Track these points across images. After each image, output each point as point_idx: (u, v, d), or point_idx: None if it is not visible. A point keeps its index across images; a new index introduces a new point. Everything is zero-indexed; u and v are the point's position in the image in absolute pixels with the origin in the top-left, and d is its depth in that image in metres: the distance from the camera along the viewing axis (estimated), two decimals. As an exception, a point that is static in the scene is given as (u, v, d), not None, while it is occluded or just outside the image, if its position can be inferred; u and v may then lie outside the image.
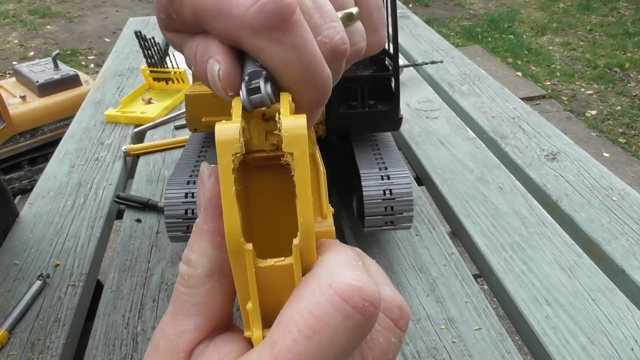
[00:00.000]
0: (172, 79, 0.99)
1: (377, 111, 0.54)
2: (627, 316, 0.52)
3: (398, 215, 0.53)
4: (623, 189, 0.70)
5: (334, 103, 0.54)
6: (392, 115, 0.55)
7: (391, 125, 0.57)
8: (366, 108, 0.54)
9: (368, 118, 0.55)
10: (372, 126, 0.59)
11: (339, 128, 0.57)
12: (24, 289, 0.55)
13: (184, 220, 0.52)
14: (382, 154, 0.58)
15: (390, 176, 0.54)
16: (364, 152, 0.59)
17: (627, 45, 3.53)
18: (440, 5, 4.42)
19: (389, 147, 0.60)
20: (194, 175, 0.54)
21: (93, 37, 3.77)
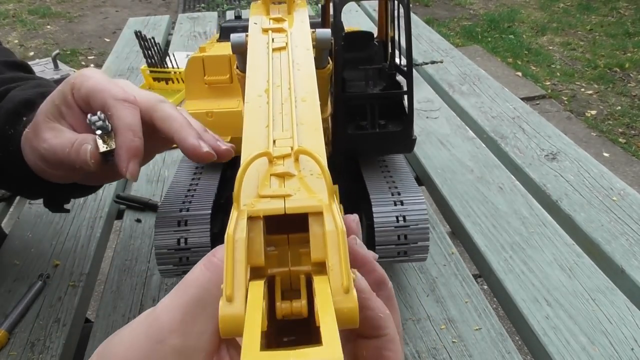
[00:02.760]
0: (172, 79, 0.98)
1: (389, 132, 0.49)
2: (627, 316, 0.52)
3: (412, 244, 0.48)
4: (623, 189, 0.70)
5: (341, 123, 0.49)
6: (404, 137, 0.49)
7: (404, 147, 0.52)
8: (376, 129, 0.49)
9: (378, 140, 0.50)
10: (383, 148, 0.54)
11: (347, 151, 0.52)
12: (24, 289, 0.55)
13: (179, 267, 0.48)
14: (392, 175, 0.53)
15: (404, 201, 0.49)
16: (373, 175, 0.54)
17: (627, 45, 3.53)
18: (440, 5, 4.42)
19: (400, 169, 0.55)
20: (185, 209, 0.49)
21: (93, 37, 3.77)
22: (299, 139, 0.25)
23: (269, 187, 0.22)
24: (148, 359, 0.22)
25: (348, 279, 0.20)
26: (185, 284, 0.23)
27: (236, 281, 0.19)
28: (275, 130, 0.25)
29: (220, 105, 0.56)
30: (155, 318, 0.23)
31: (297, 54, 0.32)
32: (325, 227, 0.20)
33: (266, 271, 0.21)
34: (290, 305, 0.21)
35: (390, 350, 0.23)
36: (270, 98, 0.28)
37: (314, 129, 0.25)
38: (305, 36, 0.34)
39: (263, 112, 0.27)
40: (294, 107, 0.27)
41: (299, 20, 0.36)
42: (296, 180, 0.23)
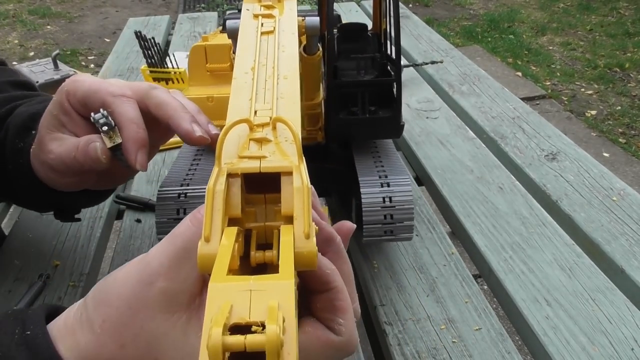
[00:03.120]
0: (172, 79, 0.98)
1: (378, 118, 0.52)
2: (627, 316, 0.52)
3: (398, 224, 0.52)
4: (623, 189, 0.70)
5: (334, 109, 0.52)
6: (393, 122, 0.53)
7: (392, 132, 0.55)
8: (367, 114, 0.52)
9: (369, 125, 0.53)
10: (373, 133, 0.57)
11: (339, 135, 0.55)
12: (24, 289, 0.55)
13: (175, 220, 0.51)
14: (382, 160, 0.57)
15: (391, 183, 0.52)
16: (364, 159, 0.57)
17: (627, 45, 3.52)
18: (440, 5, 4.42)
19: (389, 153, 0.58)
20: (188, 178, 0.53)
21: (93, 37, 3.77)
22: (278, 111, 0.28)
23: (248, 149, 0.25)
24: (138, 296, 0.26)
25: (309, 227, 0.23)
26: (173, 236, 0.27)
27: (214, 226, 0.22)
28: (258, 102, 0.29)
29: (220, 91, 0.60)
30: (146, 263, 0.27)
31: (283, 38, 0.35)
32: (293, 184, 0.24)
33: (244, 224, 0.25)
34: (263, 255, 0.24)
35: (340, 300, 0.26)
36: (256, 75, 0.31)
37: (292, 102, 0.29)
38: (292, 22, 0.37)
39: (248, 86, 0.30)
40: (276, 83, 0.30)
41: (287, 8, 0.39)
42: (272, 145, 0.26)
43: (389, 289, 0.55)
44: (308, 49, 0.44)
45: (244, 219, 0.25)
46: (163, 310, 0.26)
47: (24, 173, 0.47)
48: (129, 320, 0.26)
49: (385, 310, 0.53)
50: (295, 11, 0.39)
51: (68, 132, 0.43)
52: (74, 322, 0.29)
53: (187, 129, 0.40)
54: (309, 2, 1.64)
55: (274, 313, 0.18)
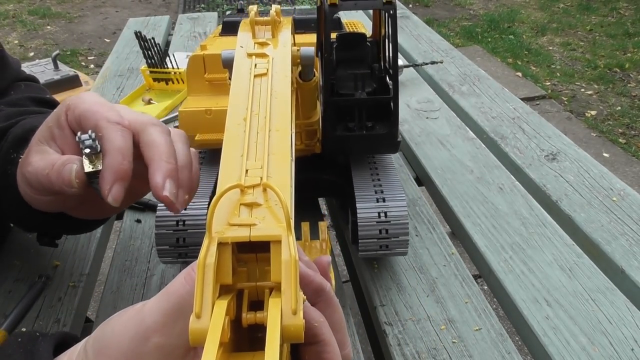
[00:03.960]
0: (172, 79, 0.99)
1: (375, 134, 0.52)
2: (627, 316, 0.52)
3: (393, 239, 0.52)
4: (623, 189, 0.70)
5: (331, 125, 0.52)
6: (390, 139, 0.52)
7: (389, 148, 0.55)
8: (364, 131, 0.52)
9: (365, 141, 0.53)
10: (370, 149, 0.57)
11: (336, 150, 0.55)
12: (24, 289, 0.55)
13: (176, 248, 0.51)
14: (379, 174, 0.57)
15: (386, 199, 0.53)
16: (361, 172, 0.57)
17: (627, 45, 3.53)
18: (440, 5, 4.42)
19: (387, 168, 0.58)
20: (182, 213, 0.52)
21: (93, 37, 3.77)
22: (269, 170, 0.28)
23: (238, 216, 0.26)
24: (135, 350, 0.27)
25: (296, 302, 0.23)
26: (168, 293, 0.27)
27: (204, 301, 0.23)
28: (249, 159, 0.29)
29: (218, 103, 0.59)
30: (142, 319, 0.27)
31: (276, 82, 0.35)
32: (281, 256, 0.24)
33: (235, 285, 0.25)
34: (254, 316, 0.25)
35: (327, 353, 0.27)
36: (248, 127, 0.31)
37: (282, 160, 0.29)
38: (285, 63, 0.37)
39: (240, 140, 0.31)
40: (267, 136, 0.31)
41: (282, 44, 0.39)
42: (263, 209, 0.26)
43: (389, 289, 0.55)
44: (304, 76, 0.44)
45: (236, 280, 0.25)
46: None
47: (9, 185, 0.44)
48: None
49: (385, 311, 0.53)
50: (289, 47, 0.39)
51: (55, 147, 0.40)
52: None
53: (157, 182, 0.36)
54: (309, 2, 1.64)
55: None
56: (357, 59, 0.58)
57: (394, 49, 0.50)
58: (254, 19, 0.41)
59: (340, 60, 0.55)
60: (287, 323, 0.23)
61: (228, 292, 0.25)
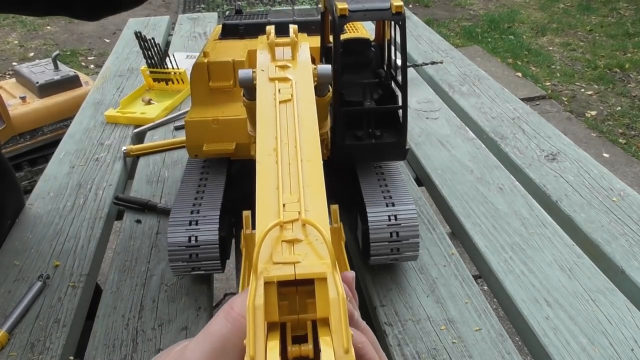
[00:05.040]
0: (172, 79, 0.98)
1: (384, 143, 0.53)
2: (627, 317, 0.52)
3: (404, 241, 0.53)
4: (623, 190, 0.70)
5: (340, 135, 0.52)
6: (398, 147, 0.53)
7: (397, 156, 0.56)
8: (372, 140, 0.52)
9: (374, 150, 0.53)
10: (378, 157, 0.57)
11: (345, 159, 0.55)
12: (24, 289, 0.55)
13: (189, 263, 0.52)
14: (386, 179, 0.57)
15: (396, 203, 0.54)
16: (368, 178, 0.58)
17: (627, 45, 3.53)
18: (440, 5, 4.42)
19: (393, 173, 0.59)
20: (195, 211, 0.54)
21: (93, 37, 3.77)
22: (305, 203, 0.29)
23: (281, 253, 0.26)
24: None
25: (348, 340, 0.24)
26: (209, 334, 0.28)
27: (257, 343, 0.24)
28: (284, 193, 0.29)
29: (225, 112, 0.58)
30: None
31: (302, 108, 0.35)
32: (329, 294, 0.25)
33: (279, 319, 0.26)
34: (299, 349, 0.26)
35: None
36: (279, 157, 0.32)
37: (317, 192, 0.30)
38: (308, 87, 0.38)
39: (273, 172, 0.31)
40: (299, 167, 0.31)
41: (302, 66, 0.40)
42: (304, 245, 0.27)
43: (389, 289, 0.55)
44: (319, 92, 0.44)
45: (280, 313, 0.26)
46: None
47: None
48: None
49: (385, 311, 0.53)
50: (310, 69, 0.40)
51: None
52: None
53: None
54: (309, 2, 1.64)
55: None
56: (362, 64, 0.58)
57: (403, 59, 0.50)
58: (273, 40, 0.41)
59: (346, 65, 0.55)
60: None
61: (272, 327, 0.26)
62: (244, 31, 0.70)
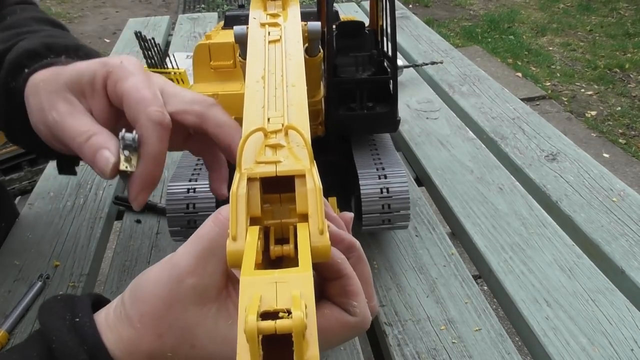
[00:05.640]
0: (172, 79, 0.98)
1: (375, 113, 0.54)
2: (627, 317, 0.52)
3: (395, 213, 0.54)
4: (623, 190, 0.70)
5: (333, 105, 0.54)
6: (390, 117, 0.55)
7: (389, 127, 0.58)
8: (365, 110, 0.54)
9: (366, 120, 0.55)
10: (371, 128, 0.59)
11: (339, 130, 0.57)
12: (24, 289, 0.55)
13: (185, 214, 0.53)
14: (379, 154, 0.59)
15: (387, 175, 0.55)
16: (362, 153, 0.59)
17: (627, 45, 3.53)
18: (440, 5, 4.42)
19: (386, 148, 0.60)
20: (196, 173, 0.56)
21: (93, 37, 3.77)
22: (289, 118, 0.31)
23: (264, 155, 0.28)
24: (171, 293, 0.29)
25: (323, 223, 0.26)
26: (198, 236, 0.30)
27: (239, 226, 0.26)
28: (270, 110, 0.31)
29: (225, 88, 0.62)
30: (174, 263, 0.30)
31: (289, 46, 0.37)
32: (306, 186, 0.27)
33: (263, 222, 0.28)
34: (281, 249, 0.27)
35: (351, 285, 0.30)
36: (266, 83, 0.34)
37: (300, 109, 0.32)
38: (296, 30, 0.40)
39: (260, 95, 0.33)
40: (285, 91, 0.33)
41: (291, 15, 0.42)
42: (285, 150, 0.29)
43: (389, 289, 0.55)
44: (310, 51, 0.46)
45: (263, 217, 0.28)
46: (194, 303, 0.29)
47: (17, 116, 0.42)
48: (165, 314, 0.29)
49: (385, 311, 0.53)
50: (299, 17, 0.42)
51: (85, 105, 0.38)
52: (114, 318, 0.31)
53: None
54: (309, 1, 1.64)
55: (298, 301, 0.21)
56: (357, 46, 0.60)
57: (392, 31, 0.52)
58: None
59: (341, 48, 0.57)
60: (315, 243, 0.26)
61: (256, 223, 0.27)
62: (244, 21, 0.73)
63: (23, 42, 0.45)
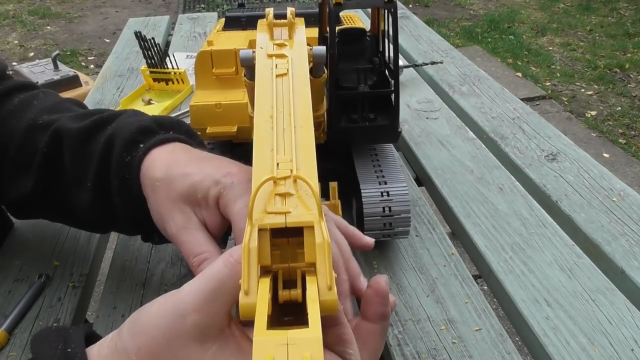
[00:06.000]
0: (172, 79, 0.99)
1: (377, 125, 0.55)
2: (627, 317, 0.52)
3: (396, 216, 0.55)
4: (623, 190, 0.70)
5: (335, 117, 0.54)
6: (391, 129, 0.55)
7: (390, 138, 0.58)
8: (366, 122, 0.55)
9: (368, 132, 0.56)
10: (372, 139, 0.60)
11: (340, 140, 0.58)
12: (24, 289, 0.55)
13: None
14: (379, 160, 0.60)
15: (387, 181, 0.56)
16: (363, 160, 0.60)
17: (627, 45, 3.53)
18: (440, 5, 4.42)
19: (386, 154, 0.61)
20: None
21: (93, 37, 3.77)
22: (297, 163, 0.32)
23: (274, 204, 0.29)
24: (172, 327, 0.29)
25: (331, 279, 0.27)
26: (207, 276, 0.30)
27: (251, 280, 0.27)
28: (279, 153, 0.32)
29: (227, 97, 0.62)
30: (179, 298, 0.30)
31: (296, 81, 0.39)
32: (315, 240, 0.28)
33: (272, 267, 0.29)
34: (289, 293, 0.28)
35: (346, 334, 0.30)
36: (274, 123, 0.35)
37: (308, 154, 0.33)
38: (303, 63, 0.41)
39: (269, 136, 0.34)
40: (293, 132, 0.34)
41: (298, 45, 0.43)
42: (295, 198, 0.30)
43: (389, 289, 0.55)
44: (314, 73, 0.46)
45: (272, 262, 0.29)
46: (195, 340, 0.29)
47: (126, 190, 0.45)
48: (164, 348, 0.29)
49: (385, 311, 0.53)
50: (305, 47, 0.42)
51: (199, 214, 0.41)
52: (108, 351, 0.31)
53: None
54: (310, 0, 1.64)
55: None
56: (358, 53, 0.60)
57: (395, 46, 0.52)
58: (271, 21, 0.43)
59: (341, 54, 0.58)
60: (323, 298, 0.27)
61: (265, 273, 0.28)
62: (245, 22, 0.74)
63: (130, 119, 0.48)
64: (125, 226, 0.50)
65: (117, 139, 0.46)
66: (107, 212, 0.48)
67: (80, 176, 0.48)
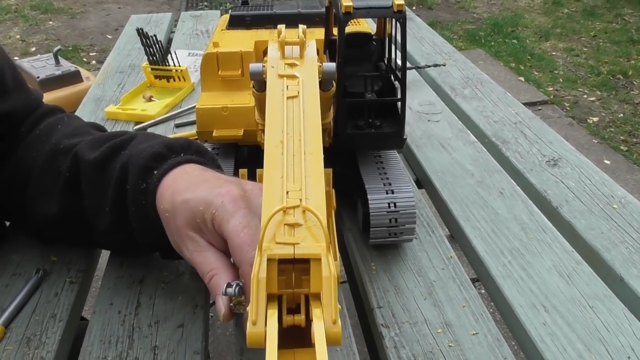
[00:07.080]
0: (173, 76, 0.98)
1: (383, 133, 0.55)
2: (625, 325, 0.52)
3: (402, 227, 0.56)
4: (624, 197, 0.70)
5: (342, 125, 0.55)
6: (396, 136, 0.56)
7: (395, 145, 0.59)
8: (372, 129, 0.55)
9: (374, 139, 0.56)
10: (377, 145, 0.60)
11: (346, 147, 0.58)
12: (21, 284, 0.55)
13: None
14: (385, 168, 0.60)
15: (395, 190, 0.56)
16: (368, 167, 0.60)
17: (631, 52, 3.52)
18: (444, 8, 4.42)
19: (392, 162, 0.61)
20: None
21: (95, 33, 3.77)
22: (306, 192, 0.32)
23: (283, 235, 0.30)
24: None
25: (336, 313, 0.28)
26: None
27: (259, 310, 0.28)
28: (288, 182, 0.33)
29: (233, 99, 0.63)
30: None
31: (307, 104, 0.39)
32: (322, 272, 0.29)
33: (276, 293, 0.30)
34: (293, 318, 0.29)
35: None
36: (285, 149, 0.35)
37: (317, 182, 0.33)
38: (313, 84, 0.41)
39: (279, 162, 0.35)
40: (302, 159, 0.35)
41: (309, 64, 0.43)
42: (303, 229, 0.31)
43: (387, 291, 0.55)
44: (323, 87, 0.47)
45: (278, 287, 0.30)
46: None
47: (144, 215, 0.47)
48: None
49: (382, 313, 0.53)
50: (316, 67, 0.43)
51: (206, 238, 0.44)
52: None
53: None
54: None
55: None
56: (364, 57, 0.61)
57: (403, 55, 0.53)
58: (284, 39, 0.44)
59: (348, 58, 0.58)
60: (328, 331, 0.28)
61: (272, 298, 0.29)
62: (250, 22, 0.74)
63: (141, 146, 0.50)
64: (144, 248, 0.53)
65: (131, 167, 0.48)
66: (125, 236, 0.50)
67: (98, 202, 0.50)
